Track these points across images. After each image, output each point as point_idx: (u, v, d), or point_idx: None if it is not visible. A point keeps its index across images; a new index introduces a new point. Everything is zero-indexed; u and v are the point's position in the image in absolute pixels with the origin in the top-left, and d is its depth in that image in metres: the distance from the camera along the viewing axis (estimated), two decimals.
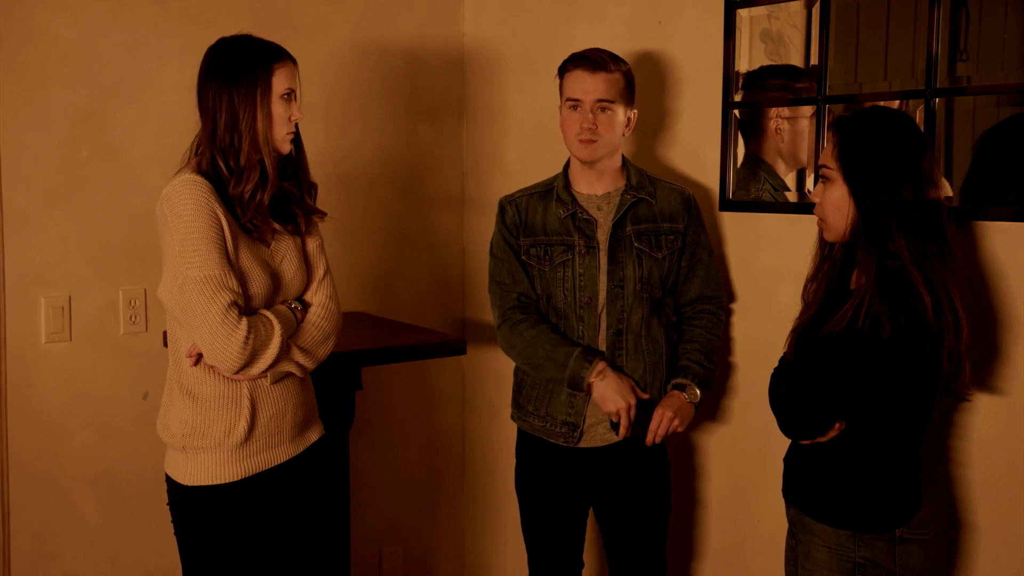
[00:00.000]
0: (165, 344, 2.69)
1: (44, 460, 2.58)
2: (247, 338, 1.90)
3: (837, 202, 1.87)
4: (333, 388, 2.59)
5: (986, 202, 2.07)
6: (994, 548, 2.11)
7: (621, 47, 2.75)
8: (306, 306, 2.11)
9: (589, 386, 2.29)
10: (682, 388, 2.34)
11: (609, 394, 2.28)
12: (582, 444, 2.38)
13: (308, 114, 2.96)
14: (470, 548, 3.43)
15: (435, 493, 3.37)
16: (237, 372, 1.94)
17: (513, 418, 2.49)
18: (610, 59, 2.33)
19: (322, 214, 2.16)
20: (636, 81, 2.73)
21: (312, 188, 2.15)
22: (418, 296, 3.23)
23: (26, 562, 2.57)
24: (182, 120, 2.70)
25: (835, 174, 1.86)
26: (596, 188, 2.39)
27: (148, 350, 2.70)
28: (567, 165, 2.45)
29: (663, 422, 2.29)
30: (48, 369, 2.57)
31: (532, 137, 3.07)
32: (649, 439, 2.31)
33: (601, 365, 2.29)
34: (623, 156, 2.42)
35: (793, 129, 2.43)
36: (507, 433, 2.62)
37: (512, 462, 2.56)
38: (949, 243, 1.83)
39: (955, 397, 1.90)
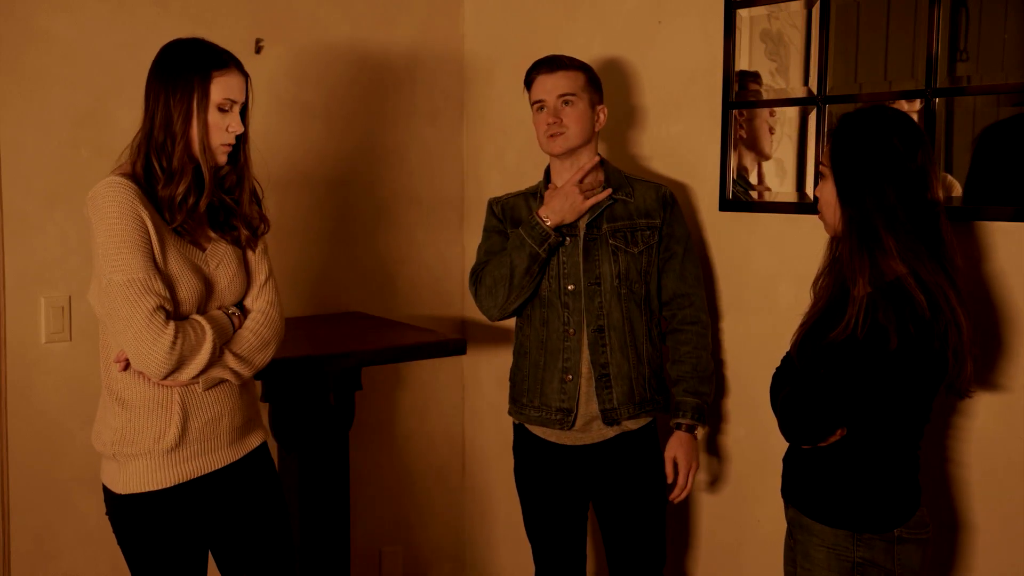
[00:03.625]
0: None
1: (44, 460, 2.58)
2: (173, 343, 1.86)
3: (828, 199, 1.89)
4: (333, 388, 2.59)
5: (986, 202, 2.07)
6: (992, 547, 2.11)
7: (621, 47, 2.76)
8: (245, 312, 2.06)
9: (543, 220, 2.33)
10: (679, 427, 2.39)
11: (557, 203, 2.34)
12: (580, 442, 2.40)
13: (308, 114, 2.97)
14: (469, 548, 3.43)
15: (435, 493, 3.37)
16: (165, 378, 1.90)
17: (511, 413, 2.51)
18: (567, 59, 2.39)
19: (267, 226, 2.10)
20: (636, 81, 2.74)
21: (255, 200, 2.08)
22: (418, 296, 3.23)
23: (26, 562, 2.57)
24: None
25: (827, 172, 1.89)
26: None
27: None
28: (548, 169, 2.48)
29: (680, 475, 2.38)
30: (48, 369, 2.57)
31: (532, 138, 3.06)
32: (678, 495, 2.40)
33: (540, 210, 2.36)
34: (601, 157, 2.43)
35: (752, 127, 2.47)
36: (506, 433, 2.62)
37: (511, 461, 2.56)
38: (944, 243, 1.83)
39: (957, 395, 1.90)
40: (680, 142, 2.66)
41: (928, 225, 1.82)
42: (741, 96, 2.49)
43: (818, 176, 1.94)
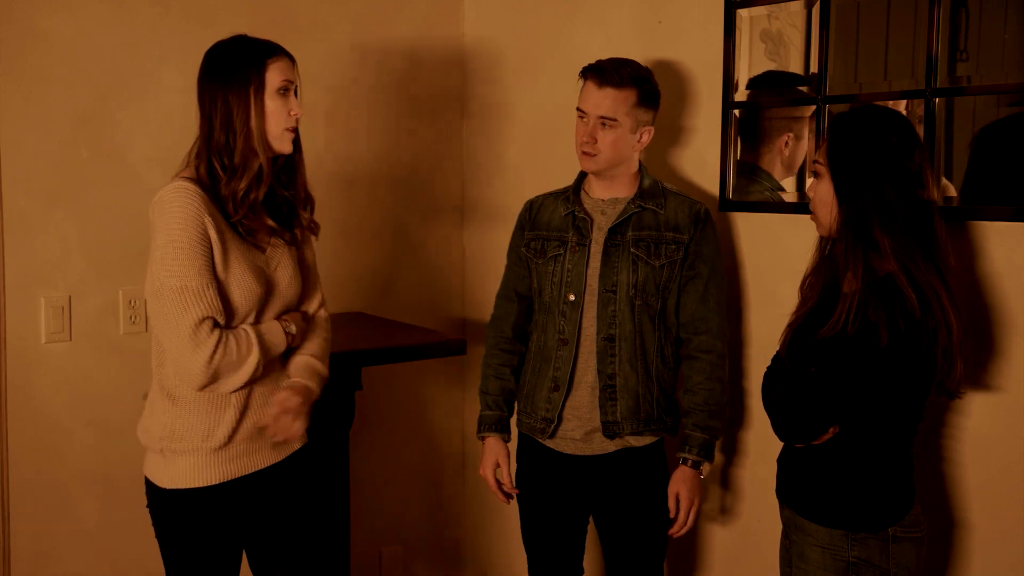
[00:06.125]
0: None
1: (44, 460, 2.58)
2: (211, 357, 1.89)
3: (824, 197, 1.88)
4: (333, 388, 2.58)
5: (984, 202, 2.07)
6: (988, 545, 2.11)
7: (621, 47, 2.75)
8: (308, 318, 2.12)
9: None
10: (685, 462, 2.31)
11: (483, 458, 2.49)
12: (581, 452, 2.36)
13: (308, 115, 2.95)
14: (470, 548, 3.43)
15: (435, 493, 3.37)
16: (201, 388, 1.93)
17: (516, 421, 2.50)
18: (625, 74, 2.28)
19: (318, 229, 2.17)
20: None
21: (309, 202, 2.15)
22: (418, 296, 3.23)
23: (26, 562, 2.57)
24: (182, 120, 2.70)
25: (824, 170, 1.88)
26: (606, 194, 2.38)
27: (148, 350, 2.67)
28: (582, 172, 2.44)
29: (681, 511, 2.31)
30: (48, 369, 2.57)
31: (532, 137, 3.07)
32: (677, 532, 2.33)
33: (488, 437, 2.47)
34: (641, 165, 2.39)
35: (798, 144, 2.42)
36: None
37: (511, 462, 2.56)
38: (938, 243, 1.82)
39: (947, 395, 1.90)
40: (680, 142, 2.66)
41: (923, 225, 1.82)
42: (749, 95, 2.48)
43: (813, 175, 1.94)
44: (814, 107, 2.34)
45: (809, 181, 1.96)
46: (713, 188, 2.57)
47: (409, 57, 3.15)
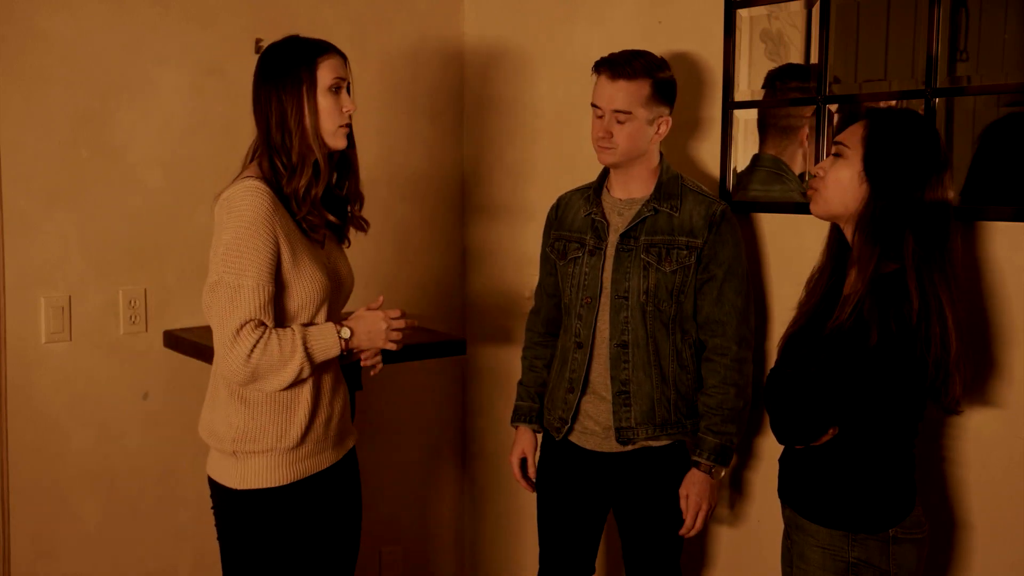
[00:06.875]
0: (166, 344, 2.69)
1: (44, 460, 2.58)
2: (248, 356, 1.90)
3: (842, 179, 1.85)
4: None
5: (984, 201, 2.06)
6: (989, 546, 2.11)
7: (621, 47, 2.75)
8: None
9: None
10: (697, 465, 2.28)
11: (512, 446, 2.55)
12: (600, 448, 2.36)
13: None
14: (470, 548, 3.43)
15: (435, 493, 3.37)
16: (244, 386, 1.96)
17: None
18: (638, 65, 2.25)
19: (368, 226, 2.21)
20: None
21: (360, 199, 2.18)
22: (418, 296, 3.23)
23: (26, 562, 2.57)
24: (182, 120, 2.72)
25: (854, 155, 1.84)
26: (624, 192, 2.36)
27: (148, 350, 2.70)
28: (606, 169, 2.43)
29: (688, 517, 2.29)
30: (48, 369, 2.57)
31: (533, 137, 3.07)
32: (685, 533, 2.31)
33: (519, 427, 2.53)
34: (662, 158, 2.36)
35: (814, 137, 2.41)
36: (507, 433, 2.62)
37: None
38: (951, 253, 1.81)
39: (944, 410, 1.88)
40: (680, 142, 2.66)
41: (942, 233, 1.81)
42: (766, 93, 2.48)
43: (833, 154, 1.89)
44: (814, 107, 2.34)
45: (824, 160, 1.93)
46: (713, 189, 2.56)
47: (409, 57, 3.15)
